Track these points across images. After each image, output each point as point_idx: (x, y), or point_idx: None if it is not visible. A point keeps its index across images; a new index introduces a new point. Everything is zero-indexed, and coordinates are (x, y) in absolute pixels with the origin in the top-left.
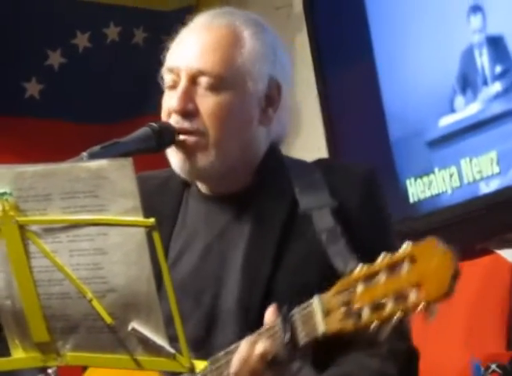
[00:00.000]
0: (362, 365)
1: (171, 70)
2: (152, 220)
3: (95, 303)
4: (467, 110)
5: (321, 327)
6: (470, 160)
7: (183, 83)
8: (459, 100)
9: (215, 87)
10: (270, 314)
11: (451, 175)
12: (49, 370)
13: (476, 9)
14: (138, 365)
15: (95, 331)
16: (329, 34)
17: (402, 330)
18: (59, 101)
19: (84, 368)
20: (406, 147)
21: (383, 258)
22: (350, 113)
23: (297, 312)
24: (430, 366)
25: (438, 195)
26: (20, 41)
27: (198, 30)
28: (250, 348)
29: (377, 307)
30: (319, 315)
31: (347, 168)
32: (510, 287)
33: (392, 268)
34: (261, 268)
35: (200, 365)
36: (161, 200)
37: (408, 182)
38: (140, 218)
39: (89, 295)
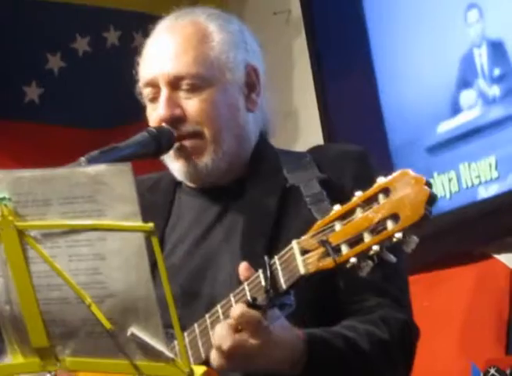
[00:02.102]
0: (350, 327)
1: (148, 84)
2: (151, 225)
3: (94, 308)
4: (466, 115)
5: (301, 267)
6: (469, 165)
7: (164, 91)
8: (458, 106)
9: (196, 87)
10: (243, 269)
11: (450, 180)
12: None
13: (473, 11)
14: (138, 370)
15: (95, 336)
16: (328, 39)
17: (401, 303)
18: (58, 105)
19: None
20: (405, 153)
21: (358, 196)
22: (349, 119)
23: (277, 259)
24: (430, 370)
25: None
26: (20, 45)
27: (163, 34)
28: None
29: (355, 242)
30: (299, 257)
31: (340, 147)
32: (509, 292)
33: (368, 203)
34: (256, 252)
35: (199, 370)
36: (153, 199)
37: None
38: (139, 224)
39: (88, 300)
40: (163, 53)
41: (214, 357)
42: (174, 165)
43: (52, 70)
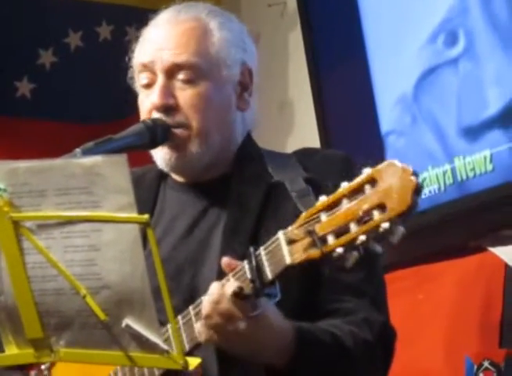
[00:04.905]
0: (335, 326)
1: (145, 68)
2: (146, 216)
3: (89, 299)
4: None
5: (287, 258)
6: (464, 158)
7: (160, 79)
8: None
9: (193, 78)
10: (225, 264)
11: (444, 173)
12: (42, 367)
13: None
14: (132, 361)
15: (89, 327)
16: (323, 32)
17: (379, 304)
18: (50, 100)
19: None
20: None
21: (343, 187)
22: (343, 111)
23: (262, 249)
24: (423, 363)
25: (431, 192)
26: (12, 40)
27: (165, 25)
28: (220, 289)
29: (342, 232)
30: (285, 248)
31: (325, 152)
32: (503, 285)
33: (354, 194)
34: (238, 246)
35: (194, 362)
36: (137, 193)
37: None
38: (134, 215)
39: (83, 291)
40: (163, 41)
41: (201, 329)
42: (160, 154)
43: (44, 65)
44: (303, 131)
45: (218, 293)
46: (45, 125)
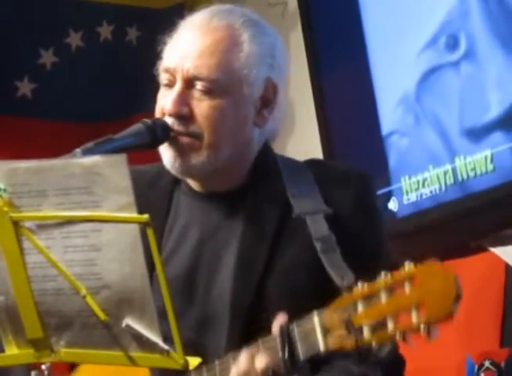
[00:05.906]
0: (346, 370)
1: (167, 70)
2: (146, 216)
3: (89, 299)
4: None
5: (321, 344)
6: (465, 158)
7: (178, 86)
8: None
9: (211, 91)
10: (276, 325)
11: (445, 172)
12: (43, 367)
13: None
14: (132, 361)
15: (89, 327)
16: (324, 32)
17: None
18: (51, 100)
19: (72, 366)
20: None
21: (383, 278)
22: (345, 112)
23: (295, 328)
24: (425, 363)
25: (432, 192)
26: (13, 40)
27: (196, 30)
28: (250, 361)
29: (378, 327)
30: (319, 332)
31: (342, 168)
32: (504, 285)
33: (393, 288)
34: (252, 271)
35: (194, 362)
36: (152, 196)
37: (402, 179)
38: (134, 215)
39: (83, 291)
40: (189, 48)
41: None
42: (166, 156)
43: (45, 65)
44: (304, 133)
45: (247, 364)
46: (45, 125)
